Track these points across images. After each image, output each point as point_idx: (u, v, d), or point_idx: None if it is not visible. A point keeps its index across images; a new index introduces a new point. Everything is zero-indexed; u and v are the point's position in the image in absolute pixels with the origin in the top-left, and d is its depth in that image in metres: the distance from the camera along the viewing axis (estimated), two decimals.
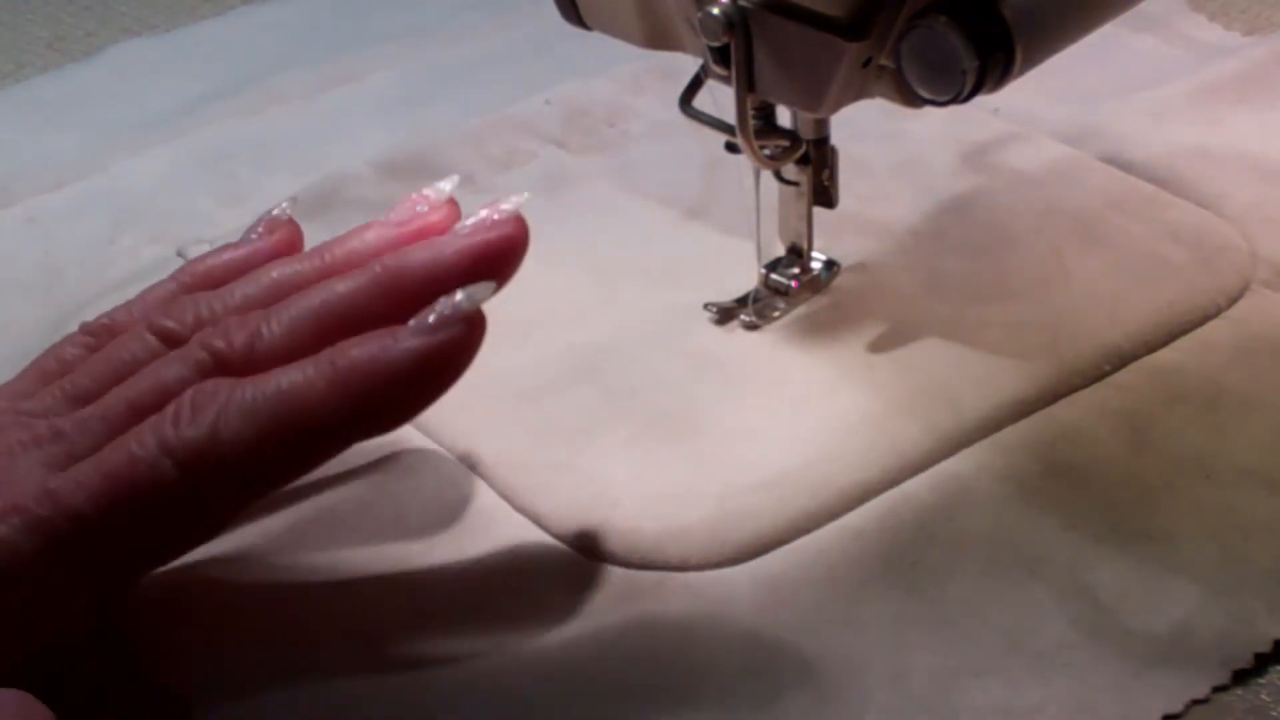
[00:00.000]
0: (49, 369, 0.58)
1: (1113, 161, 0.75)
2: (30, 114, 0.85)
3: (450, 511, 0.60)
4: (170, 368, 0.54)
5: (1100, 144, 0.76)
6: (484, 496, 0.61)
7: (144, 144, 0.82)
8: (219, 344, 0.54)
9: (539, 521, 0.60)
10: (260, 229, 0.62)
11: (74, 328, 0.69)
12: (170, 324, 0.57)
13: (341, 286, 0.56)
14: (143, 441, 0.51)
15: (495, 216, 0.57)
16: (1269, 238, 0.70)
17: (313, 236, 0.74)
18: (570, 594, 0.57)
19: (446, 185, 0.60)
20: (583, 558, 0.58)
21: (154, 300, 0.60)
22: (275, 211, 0.62)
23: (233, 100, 0.84)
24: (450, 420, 0.64)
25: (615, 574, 0.58)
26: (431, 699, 0.54)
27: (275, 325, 0.55)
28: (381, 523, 0.60)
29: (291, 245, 0.62)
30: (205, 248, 0.74)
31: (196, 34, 0.92)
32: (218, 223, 0.76)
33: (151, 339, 0.57)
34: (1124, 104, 0.79)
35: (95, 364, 0.57)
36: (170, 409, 0.52)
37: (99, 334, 0.59)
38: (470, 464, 0.62)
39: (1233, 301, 0.68)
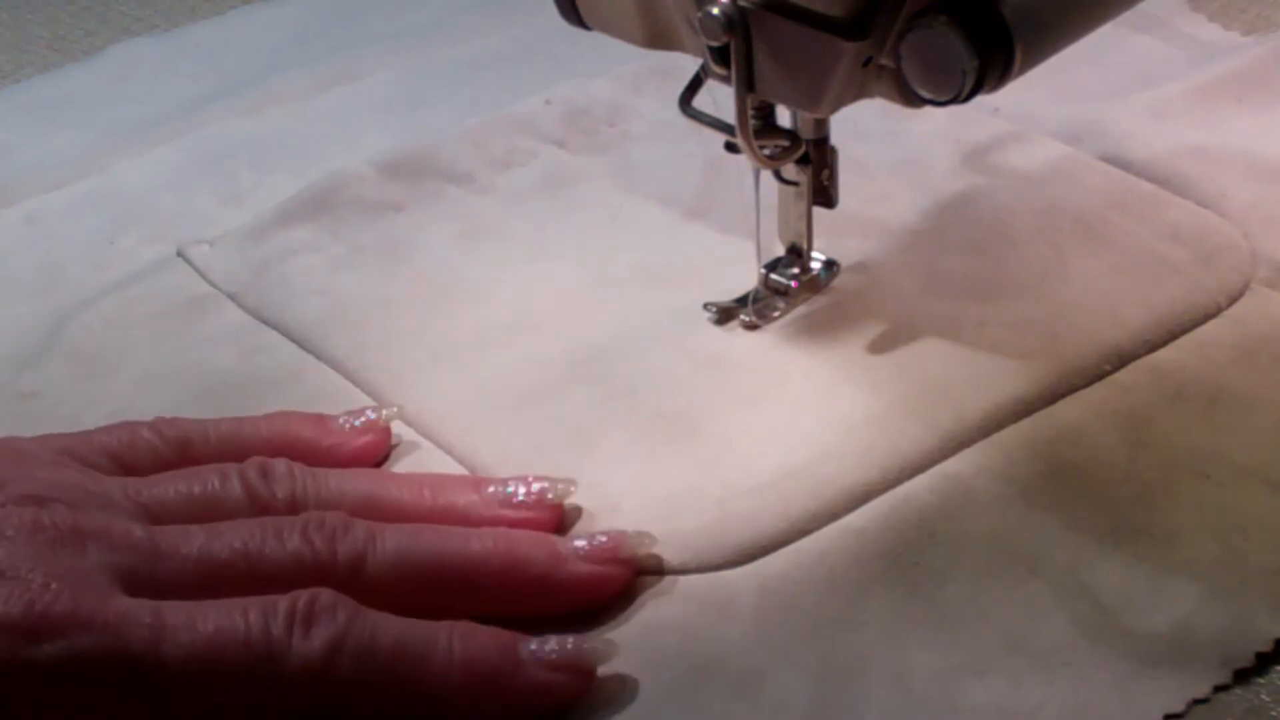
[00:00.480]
0: (114, 449, 0.58)
1: (1113, 161, 0.75)
2: (30, 114, 0.85)
3: None
4: (268, 544, 0.54)
5: (1100, 144, 0.76)
6: None
7: (144, 144, 0.81)
8: (320, 545, 0.54)
9: None
10: (356, 421, 0.62)
11: (74, 328, 0.70)
12: (261, 489, 0.56)
13: (471, 548, 0.55)
14: (251, 634, 0.51)
15: (619, 555, 0.57)
16: (1269, 237, 0.70)
17: (313, 235, 0.74)
18: None
19: (566, 486, 0.59)
20: None
21: (230, 435, 0.60)
22: (385, 413, 0.63)
23: (233, 100, 0.84)
24: (452, 422, 0.64)
25: None
26: None
27: (385, 552, 0.54)
28: None
29: (377, 448, 0.62)
30: (205, 248, 0.74)
31: (196, 34, 0.91)
32: (218, 223, 0.76)
33: (238, 489, 0.56)
34: (1124, 104, 0.79)
35: (175, 483, 0.56)
36: (283, 610, 0.51)
37: (170, 442, 0.59)
38: (471, 467, 0.62)
39: (1233, 301, 0.68)
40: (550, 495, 0.59)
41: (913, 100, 0.59)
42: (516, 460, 0.62)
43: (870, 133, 0.75)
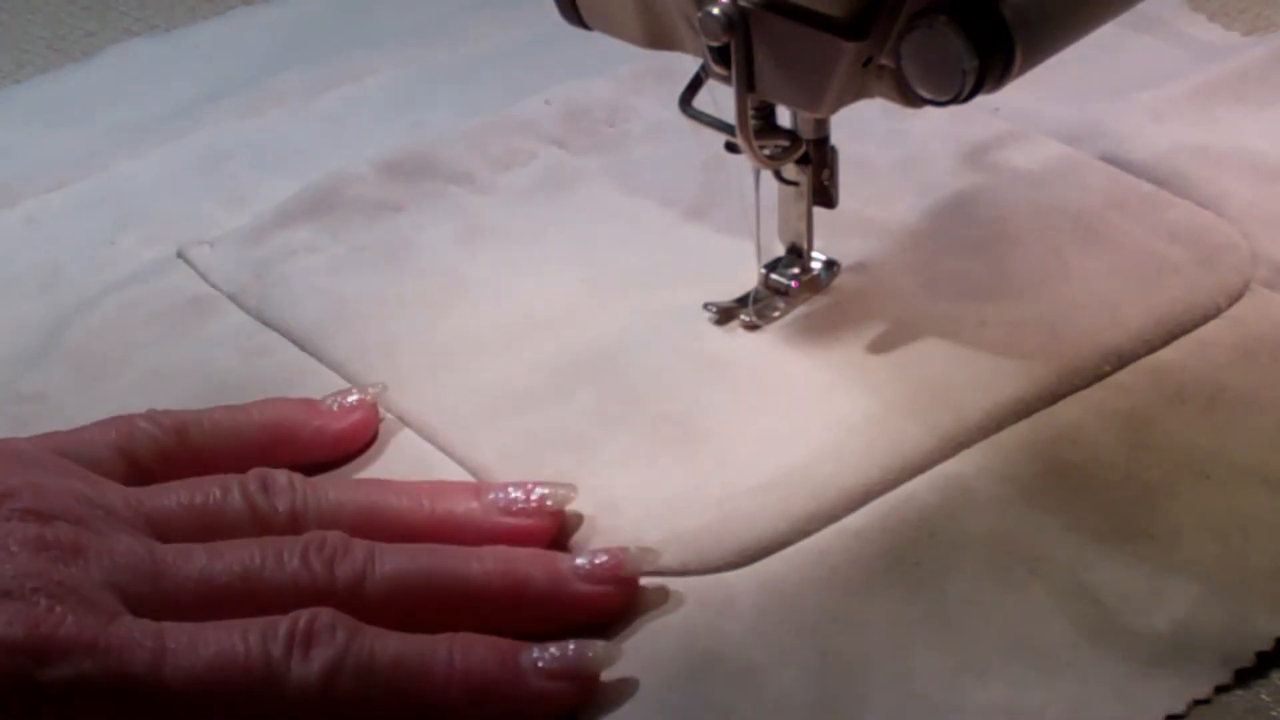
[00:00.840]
0: (114, 442, 0.58)
1: (1113, 161, 0.75)
2: (30, 114, 0.85)
3: None
4: (268, 566, 0.54)
5: (1100, 143, 0.76)
6: None
7: (144, 144, 0.81)
8: (319, 569, 0.54)
9: None
10: (343, 400, 0.63)
11: (74, 328, 0.70)
12: (262, 502, 0.56)
13: (470, 570, 0.55)
14: (250, 657, 0.51)
15: (621, 573, 0.56)
16: (1269, 237, 0.70)
17: (314, 236, 0.74)
18: None
19: (567, 492, 0.59)
20: None
21: (224, 422, 0.61)
22: (371, 391, 0.63)
23: (233, 101, 0.84)
24: (454, 426, 0.64)
25: None
26: None
27: (384, 573, 0.54)
28: None
29: (366, 425, 0.63)
30: (205, 249, 0.74)
31: (196, 34, 0.91)
32: (218, 223, 0.76)
33: (239, 501, 0.56)
34: (1124, 104, 0.79)
35: (177, 494, 0.56)
36: (283, 632, 0.51)
37: (168, 430, 0.59)
38: (474, 470, 0.62)
39: (1233, 301, 0.68)
40: (550, 502, 0.59)
41: (913, 100, 0.60)
42: (518, 463, 0.62)
43: (871, 132, 0.75)
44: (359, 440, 0.63)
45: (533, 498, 0.58)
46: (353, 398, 0.63)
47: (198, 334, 0.70)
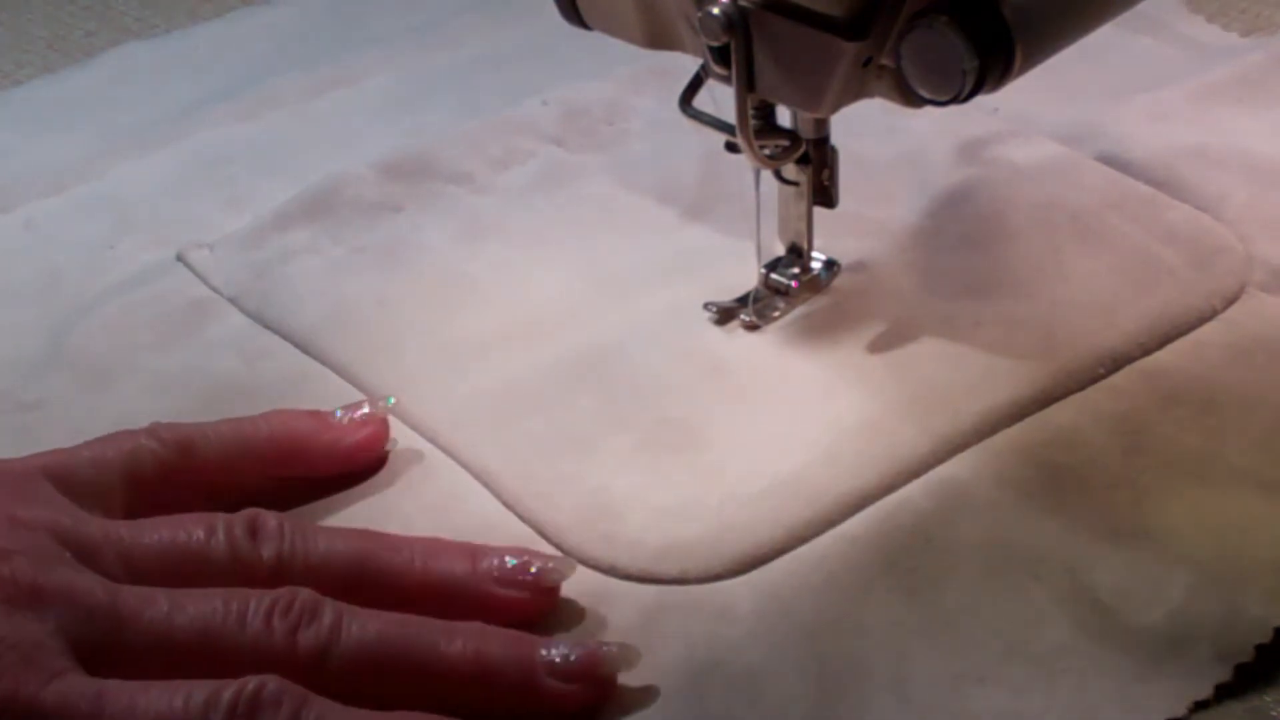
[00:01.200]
0: (111, 461, 0.57)
1: (1111, 162, 0.75)
2: (29, 117, 0.85)
3: (455, 522, 0.60)
4: (229, 624, 0.52)
5: (1098, 144, 0.76)
6: (489, 507, 0.61)
7: (143, 148, 0.81)
8: (280, 634, 0.52)
9: (542, 533, 0.60)
10: (354, 414, 0.62)
11: (74, 333, 0.69)
12: (245, 548, 0.55)
13: (439, 652, 0.53)
14: None
15: (597, 672, 0.54)
16: (1265, 240, 0.70)
17: (313, 238, 0.74)
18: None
19: (565, 569, 0.57)
20: (586, 570, 0.58)
21: (231, 435, 0.60)
22: (381, 405, 0.63)
23: (232, 103, 0.84)
24: (456, 429, 0.64)
25: (616, 586, 0.58)
26: None
27: (349, 645, 0.52)
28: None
29: (377, 440, 0.62)
30: (205, 252, 0.74)
31: (196, 36, 0.91)
32: (217, 226, 0.75)
33: (222, 545, 0.55)
34: (1122, 105, 0.79)
35: (159, 531, 0.55)
36: (225, 702, 0.49)
37: (170, 446, 0.58)
38: (476, 474, 0.62)
39: (1228, 304, 0.68)
40: (547, 580, 0.57)
41: (913, 100, 0.60)
42: (520, 466, 0.62)
43: (870, 131, 0.75)
44: (370, 454, 0.62)
45: (530, 571, 0.56)
46: (363, 411, 0.62)
47: (199, 338, 0.70)
